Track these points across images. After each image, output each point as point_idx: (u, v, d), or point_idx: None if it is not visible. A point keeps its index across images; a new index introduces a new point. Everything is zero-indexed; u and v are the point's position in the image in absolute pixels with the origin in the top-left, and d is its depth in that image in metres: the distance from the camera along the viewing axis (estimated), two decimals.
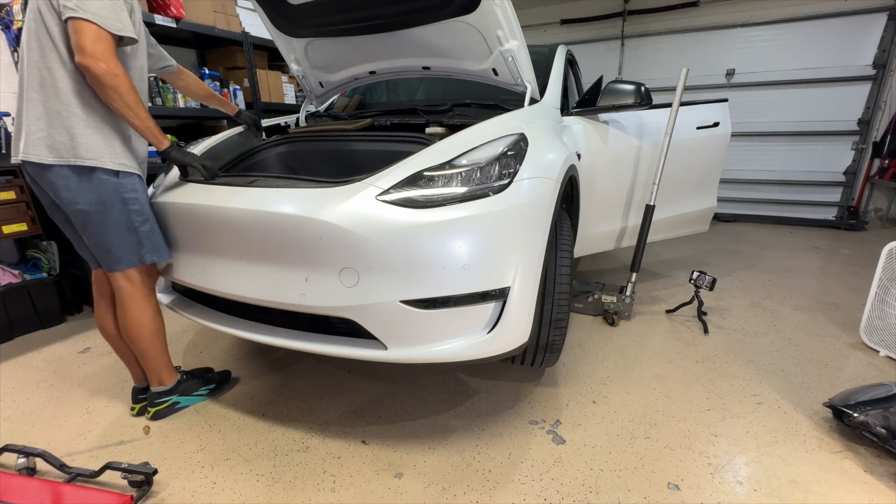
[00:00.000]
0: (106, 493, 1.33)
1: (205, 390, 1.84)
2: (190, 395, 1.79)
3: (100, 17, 1.29)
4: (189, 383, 1.80)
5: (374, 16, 1.82)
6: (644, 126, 2.48)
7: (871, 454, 1.53)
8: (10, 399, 1.91)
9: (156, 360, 1.69)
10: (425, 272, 1.31)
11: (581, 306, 2.62)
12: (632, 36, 5.43)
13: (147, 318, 1.62)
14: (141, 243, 1.54)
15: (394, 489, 1.41)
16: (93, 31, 1.28)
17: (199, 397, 1.82)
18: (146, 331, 1.63)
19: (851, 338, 2.32)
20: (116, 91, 1.36)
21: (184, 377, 1.80)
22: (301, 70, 2.25)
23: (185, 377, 1.81)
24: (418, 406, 1.81)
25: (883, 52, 4.46)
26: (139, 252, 1.54)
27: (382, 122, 2.03)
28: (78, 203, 1.43)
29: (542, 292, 1.57)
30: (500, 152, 1.43)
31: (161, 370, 1.71)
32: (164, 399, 1.73)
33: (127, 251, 1.52)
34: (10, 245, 2.75)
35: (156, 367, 1.70)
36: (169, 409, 1.75)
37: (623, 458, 1.52)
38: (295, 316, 1.52)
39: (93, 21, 1.28)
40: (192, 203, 1.54)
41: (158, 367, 1.70)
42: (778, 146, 5.08)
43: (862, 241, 4.34)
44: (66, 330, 2.59)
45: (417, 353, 1.39)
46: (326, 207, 1.33)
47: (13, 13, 2.60)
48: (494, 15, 1.68)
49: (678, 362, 2.11)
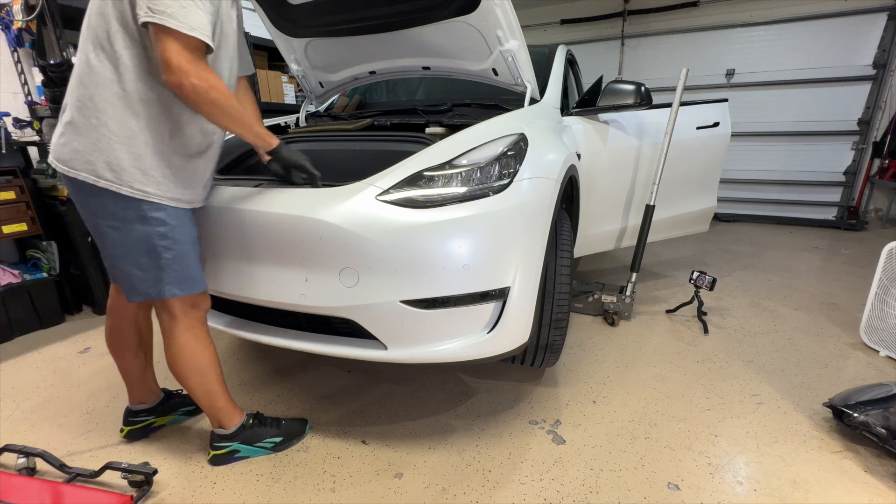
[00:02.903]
0: (106, 493, 1.33)
1: (270, 443, 1.55)
2: (252, 445, 1.52)
3: (173, 17, 1.06)
4: (254, 431, 1.53)
5: (374, 16, 1.82)
6: (644, 126, 2.48)
7: (871, 454, 1.53)
8: (10, 399, 1.91)
9: (209, 401, 1.46)
10: (425, 272, 1.31)
11: (581, 306, 2.62)
12: (632, 36, 5.43)
13: (194, 356, 1.40)
14: (162, 273, 1.29)
15: (394, 489, 1.40)
16: (172, 38, 1.08)
17: (261, 449, 1.54)
18: (193, 370, 1.41)
19: (851, 338, 2.32)
20: (215, 105, 1.18)
21: (249, 422, 1.54)
22: (301, 70, 2.25)
23: (252, 422, 1.54)
24: (418, 406, 1.81)
25: (883, 51, 4.46)
26: (158, 285, 1.29)
27: (382, 122, 2.03)
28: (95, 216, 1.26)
29: (542, 292, 1.57)
30: (500, 152, 1.43)
31: (217, 411, 1.48)
32: (223, 445, 1.50)
33: (142, 282, 1.29)
34: (10, 245, 2.75)
35: (209, 408, 1.48)
36: (227, 457, 1.50)
37: (623, 458, 1.52)
38: (295, 316, 1.51)
39: (167, 25, 1.06)
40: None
41: (212, 407, 1.48)
42: (778, 146, 5.08)
43: (862, 241, 4.34)
44: (66, 330, 2.58)
45: (417, 353, 1.39)
46: (326, 207, 1.33)
47: (13, 13, 2.60)
48: (494, 15, 1.68)
49: (678, 362, 2.11)
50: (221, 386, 1.48)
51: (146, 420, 1.64)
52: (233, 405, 1.52)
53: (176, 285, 1.32)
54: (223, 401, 1.49)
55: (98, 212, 1.24)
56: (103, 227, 1.26)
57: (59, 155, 1.21)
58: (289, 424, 1.62)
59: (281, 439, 1.58)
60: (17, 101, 2.86)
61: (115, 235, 1.25)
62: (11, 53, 2.76)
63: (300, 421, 1.67)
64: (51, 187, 2.58)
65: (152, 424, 1.66)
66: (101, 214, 1.24)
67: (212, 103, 1.18)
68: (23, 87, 2.87)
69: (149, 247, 1.26)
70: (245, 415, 1.56)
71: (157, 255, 1.27)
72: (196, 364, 1.41)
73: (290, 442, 1.60)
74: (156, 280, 1.29)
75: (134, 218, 1.23)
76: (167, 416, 1.69)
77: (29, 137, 2.69)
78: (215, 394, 1.47)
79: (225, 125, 1.28)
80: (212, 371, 1.44)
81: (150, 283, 1.30)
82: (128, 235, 1.25)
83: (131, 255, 1.27)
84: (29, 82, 2.88)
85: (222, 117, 1.24)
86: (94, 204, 1.24)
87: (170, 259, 1.29)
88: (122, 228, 1.24)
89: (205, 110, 1.20)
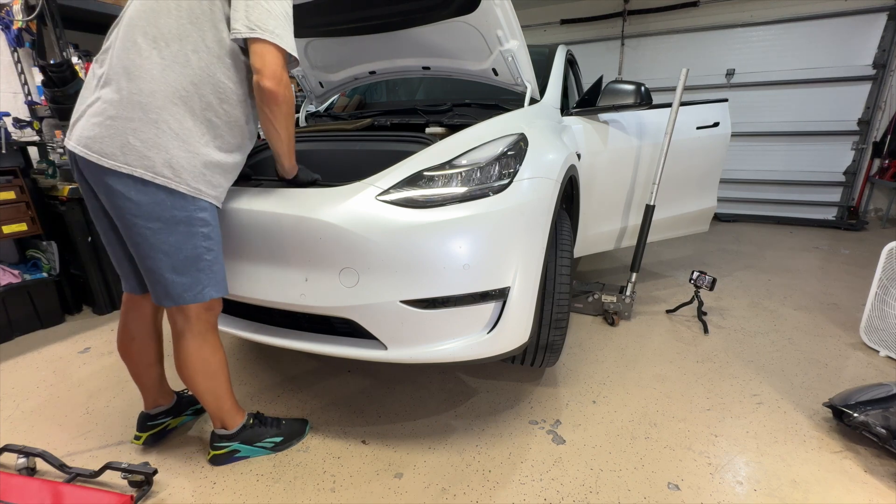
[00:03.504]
0: (106, 493, 1.33)
1: (270, 442, 1.57)
2: (252, 445, 1.54)
3: (279, 36, 1.18)
4: (254, 430, 1.55)
5: (374, 16, 1.82)
6: (644, 126, 2.48)
7: (871, 454, 1.53)
8: (10, 399, 1.91)
9: (215, 402, 1.47)
10: (425, 272, 1.31)
11: (581, 306, 2.62)
12: (632, 36, 5.43)
13: (205, 359, 1.40)
14: (201, 275, 1.29)
15: (394, 489, 1.40)
16: (275, 53, 1.18)
17: (261, 449, 1.55)
18: (203, 373, 1.41)
19: (851, 338, 2.32)
20: (288, 117, 1.28)
21: (250, 422, 1.55)
22: (301, 70, 2.25)
23: (253, 422, 1.56)
24: (418, 406, 1.81)
25: (883, 52, 4.45)
26: (195, 288, 1.29)
27: (382, 122, 2.03)
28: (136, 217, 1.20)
29: (542, 292, 1.57)
30: (500, 152, 1.43)
31: (222, 412, 1.49)
32: (223, 445, 1.51)
33: (179, 286, 1.27)
34: (10, 245, 2.75)
35: (214, 410, 1.48)
36: (227, 456, 1.52)
37: (623, 458, 1.52)
38: (295, 316, 1.52)
39: (275, 43, 1.17)
40: None
41: (217, 409, 1.48)
42: (778, 146, 5.07)
43: (862, 241, 4.34)
44: (66, 330, 2.58)
45: (417, 353, 1.39)
46: (326, 207, 1.33)
47: (13, 13, 2.60)
48: (494, 15, 1.68)
49: (678, 362, 2.11)
50: (229, 388, 1.49)
51: (163, 422, 1.63)
52: (237, 406, 1.53)
53: (213, 287, 1.32)
54: (230, 402, 1.50)
55: (140, 212, 1.20)
56: (142, 229, 1.21)
57: (102, 148, 1.16)
58: (289, 424, 1.62)
59: (281, 439, 1.58)
60: (17, 101, 2.86)
61: (156, 238, 1.22)
62: (11, 53, 2.77)
63: (300, 421, 1.67)
64: (51, 187, 2.58)
65: (167, 427, 1.65)
66: (143, 215, 1.20)
67: (289, 113, 1.28)
68: (23, 87, 2.88)
69: (191, 248, 1.25)
70: (247, 415, 1.56)
71: (198, 257, 1.27)
72: (208, 368, 1.41)
73: (290, 442, 1.60)
74: (194, 282, 1.28)
75: (181, 218, 1.23)
76: (180, 417, 1.69)
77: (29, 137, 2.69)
78: (223, 396, 1.47)
79: (282, 134, 1.31)
80: (222, 374, 1.45)
81: (185, 286, 1.28)
82: (169, 237, 1.23)
83: (171, 257, 1.24)
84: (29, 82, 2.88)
85: (284, 126, 1.30)
86: (139, 203, 1.19)
87: (210, 260, 1.30)
88: (163, 230, 1.22)
89: (279, 116, 1.26)
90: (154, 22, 1.17)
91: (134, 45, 1.17)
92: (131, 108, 1.15)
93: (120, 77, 1.16)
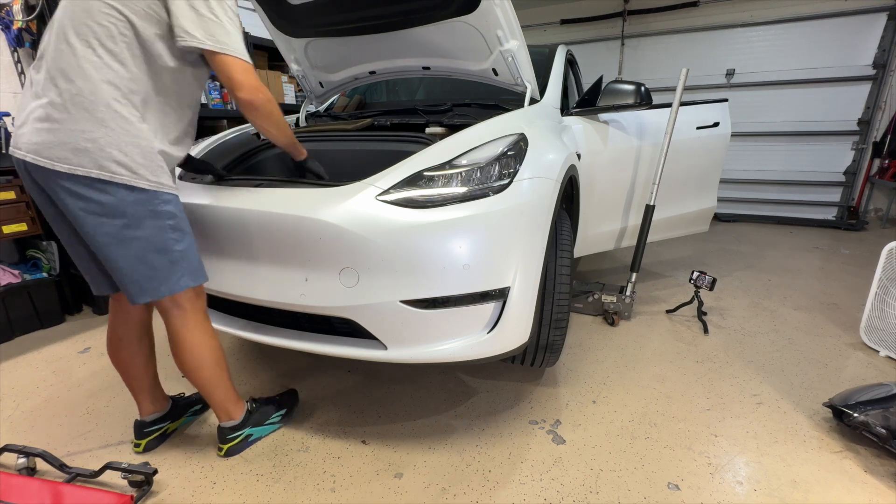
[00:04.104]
0: (106, 493, 1.33)
1: (277, 416, 1.67)
2: (263, 425, 1.62)
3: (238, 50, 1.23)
4: (259, 413, 1.62)
5: (374, 16, 1.82)
6: (644, 126, 2.48)
7: (871, 454, 1.53)
8: (10, 399, 1.91)
9: (219, 393, 1.49)
10: (425, 272, 1.31)
11: (581, 306, 2.62)
12: (632, 36, 5.43)
13: (205, 348, 1.42)
14: (175, 266, 1.29)
15: (394, 489, 1.41)
16: (239, 64, 1.23)
17: (272, 426, 1.65)
18: (205, 362, 1.42)
19: (851, 338, 2.32)
20: (272, 116, 1.34)
21: (252, 406, 1.62)
22: (301, 70, 2.25)
23: (255, 406, 1.62)
24: (418, 406, 1.81)
25: (883, 52, 4.46)
26: (170, 279, 1.29)
27: (382, 122, 2.03)
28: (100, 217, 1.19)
29: (542, 292, 1.57)
30: (500, 152, 1.43)
31: (227, 403, 1.52)
32: (237, 434, 1.55)
33: (154, 280, 1.27)
34: (10, 245, 2.75)
35: (220, 401, 1.51)
36: (243, 444, 1.57)
37: (623, 458, 1.52)
38: (295, 316, 1.51)
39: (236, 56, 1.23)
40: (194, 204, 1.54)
41: (223, 399, 1.51)
42: (778, 146, 5.08)
43: (862, 241, 4.34)
44: (66, 330, 2.58)
45: (417, 353, 1.39)
46: (326, 207, 1.33)
47: (13, 13, 2.60)
48: (494, 15, 1.68)
49: (678, 362, 2.11)
50: (229, 376, 1.53)
51: (161, 427, 1.62)
52: (237, 394, 1.58)
53: (189, 276, 1.33)
54: (232, 391, 1.54)
55: (104, 212, 1.18)
56: (108, 228, 1.20)
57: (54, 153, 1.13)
58: (284, 397, 1.75)
59: (284, 411, 1.70)
60: (17, 102, 2.86)
61: (123, 236, 1.21)
62: (11, 53, 2.76)
63: (291, 392, 1.80)
64: None
65: (167, 431, 1.64)
66: (107, 214, 1.18)
67: (270, 114, 1.33)
68: (23, 88, 2.87)
69: (159, 242, 1.25)
70: (246, 402, 1.62)
71: (167, 249, 1.27)
72: (211, 356, 1.44)
73: (292, 411, 1.73)
74: (168, 275, 1.28)
75: (145, 213, 1.22)
76: (180, 420, 1.69)
77: None
78: (225, 385, 1.51)
79: (274, 131, 1.39)
80: (222, 361, 1.49)
81: (160, 280, 1.28)
82: (136, 233, 1.21)
83: (140, 254, 1.23)
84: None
85: (274, 124, 1.36)
86: (101, 203, 1.17)
87: (181, 251, 1.30)
88: (129, 227, 1.21)
89: (264, 119, 1.33)
90: (85, 21, 1.15)
91: (68, 46, 1.14)
92: (75, 110, 1.14)
93: (59, 79, 1.14)
